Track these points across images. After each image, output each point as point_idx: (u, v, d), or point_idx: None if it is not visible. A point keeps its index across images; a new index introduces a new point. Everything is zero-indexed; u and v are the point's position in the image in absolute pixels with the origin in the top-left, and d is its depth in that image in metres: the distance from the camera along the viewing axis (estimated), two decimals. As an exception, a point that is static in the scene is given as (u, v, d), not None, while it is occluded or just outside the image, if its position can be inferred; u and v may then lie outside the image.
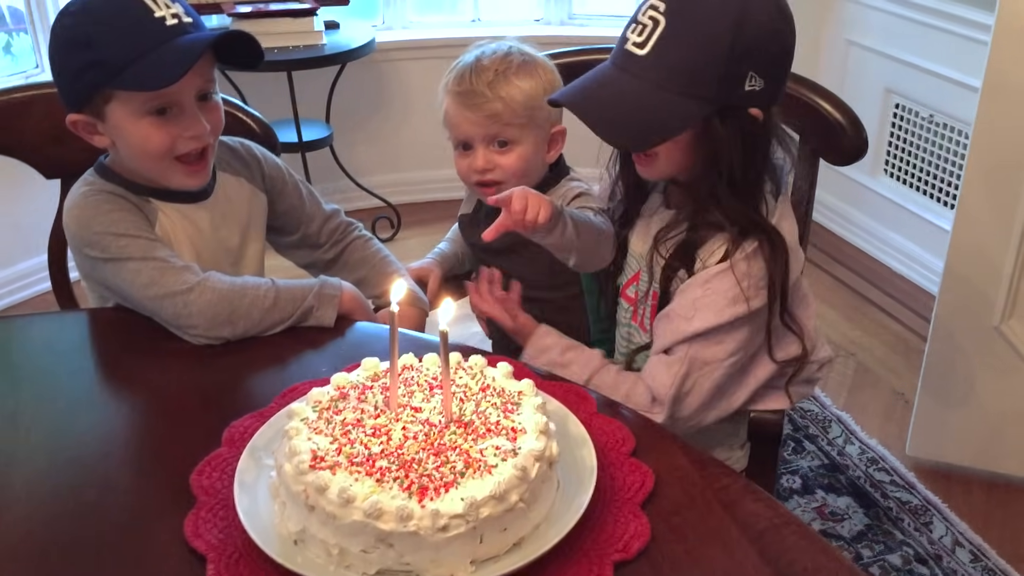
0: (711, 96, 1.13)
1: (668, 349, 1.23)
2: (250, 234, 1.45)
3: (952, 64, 2.73)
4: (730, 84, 1.13)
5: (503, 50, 1.38)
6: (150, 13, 1.23)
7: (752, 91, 1.14)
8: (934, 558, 1.98)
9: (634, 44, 1.15)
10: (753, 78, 1.13)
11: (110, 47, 1.22)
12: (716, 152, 1.17)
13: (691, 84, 1.12)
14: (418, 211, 3.51)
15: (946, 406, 2.18)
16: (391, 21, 3.54)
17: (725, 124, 1.15)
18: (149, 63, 1.21)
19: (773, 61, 1.16)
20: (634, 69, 1.15)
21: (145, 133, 1.27)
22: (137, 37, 1.22)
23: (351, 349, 1.27)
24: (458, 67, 1.39)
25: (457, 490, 0.85)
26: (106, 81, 1.23)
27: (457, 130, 1.40)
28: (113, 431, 1.14)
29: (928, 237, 2.97)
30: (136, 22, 1.22)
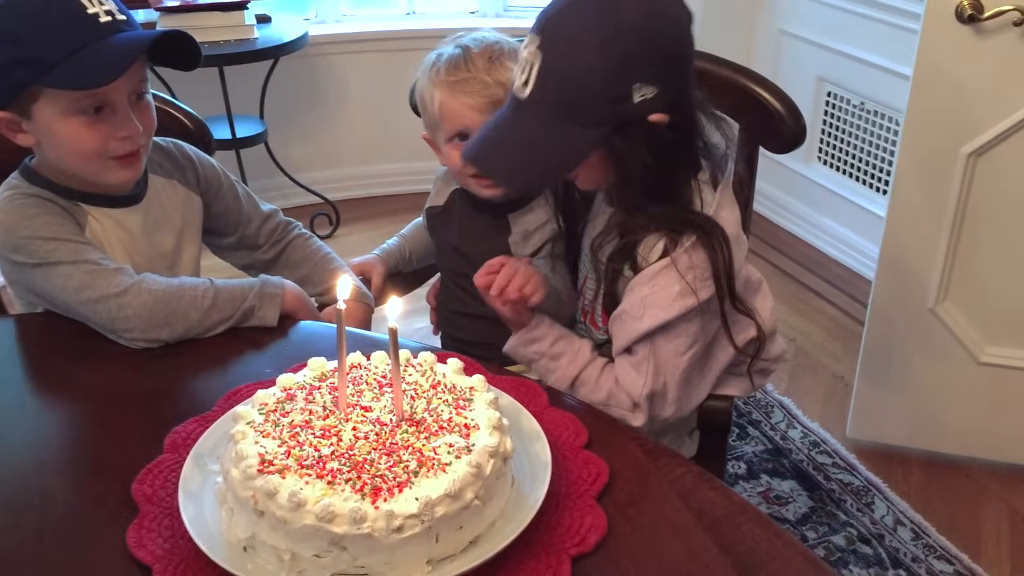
0: (599, 120, 1.11)
1: (630, 349, 1.22)
2: (185, 237, 1.41)
3: (882, 52, 2.79)
4: (616, 103, 1.10)
5: (490, 38, 1.37)
6: (83, 9, 1.18)
7: (644, 100, 1.11)
8: (876, 537, 2.02)
9: (520, 84, 1.13)
10: (641, 88, 1.10)
11: (39, 43, 1.17)
12: (625, 170, 1.15)
13: (577, 114, 1.11)
14: (357, 207, 3.47)
15: (884, 388, 2.22)
16: (324, 15, 3.48)
17: (626, 139, 1.13)
18: (83, 61, 1.16)
19: (661, 64, 1.12)
20: (524, 109, 1.13)
21: (75, 133, 1.22)
22: (69, 34, 1.17)
23: (295, 349, 1.24)
24: (445, 59, 1.36)
25: (411, 490, 0.84)
26: (35, 78, 1.18)
27: (455, 120, 1.36)
28: (47, 441, 1.09)
29: (862, 223, 3.03)
30: (68, 18, 1.17)
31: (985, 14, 1.78)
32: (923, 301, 2.09)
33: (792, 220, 3.31)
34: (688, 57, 1.18)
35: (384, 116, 3.49)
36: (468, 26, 3.43)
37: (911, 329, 2.13)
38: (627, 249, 1.22)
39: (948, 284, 2.05)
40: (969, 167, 1.93)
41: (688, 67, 1.18)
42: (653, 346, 1.20)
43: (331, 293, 1.44)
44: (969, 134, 1.91)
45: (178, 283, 1.23)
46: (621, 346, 1.23)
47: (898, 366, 2.19)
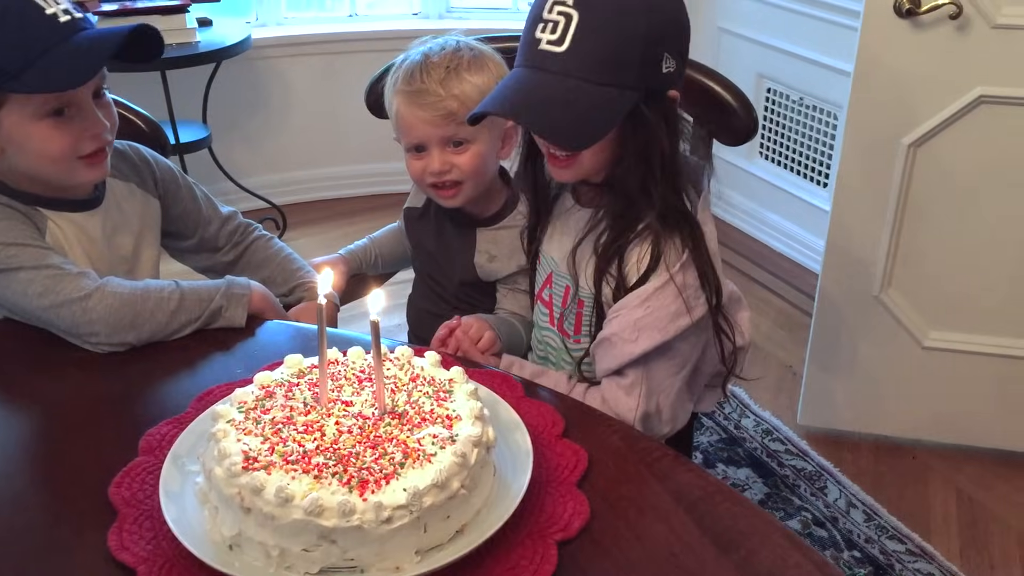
0: (635, 82, 1.11)
1: (619, 371, 1.22)
2: (143, 241, 1.40)
3: (820, 49, 2.86)
4: (651, 67, 1.12)
5: (451, 46, 1.34)
6: (41, 11, 1.16)
7: (669, 72, 1.13)
8: (831, 520, 2.07)
9: (549, 43, 1.10)
10: (668, 59, 1.12)
11: (2, 48, 1.14)
12: (648, 140, 1.15)
13: (616, 72, 1.10)
14: (303, 211, 3.45)
15: (832, 375, 2.28)
16: (265, 18, 3.45)
17: (652, 109, 1.14)
18: (50, 63, 1.14)
19: (680, 39, 1.16)
20: (555, 68, 1.10)
21: (45, 136, 1.20)
22: (32, 37, 1.15)
23: (263, 348, 1.23)
24: (405, 66, 1.34)
25: (398, 481, 0.84)
26: (1, 85, 1.16)
27: (411, 132, 1.34)
28: (17, 449, 1.07)
29: (804, 216, 3.10)
30: (28, 22, 1.15)
31: (922, 8, 1.84)
32: (868, 289, 2.15)
33: (735, 214, 3.37)
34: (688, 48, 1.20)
35: (328, 119, 3.47)
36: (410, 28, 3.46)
37: (857, 316, 2.19)
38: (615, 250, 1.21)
39: (892, 272, 2.12)
40: (910, 157, 1.99)
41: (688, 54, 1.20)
42: (646, 368, 1.20)
43: (296, 293, 1.44)
44: (909, 125, 1.97)
45: (143, 286, 1.22)
46: (609, 369, 1.22)
47: (845, 353, 2.25)
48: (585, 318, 1.28)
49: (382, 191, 3.44)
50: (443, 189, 1.37)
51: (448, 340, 1.29)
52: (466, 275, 1.44)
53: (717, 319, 1.23)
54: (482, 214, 1.44)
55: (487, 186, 1.42)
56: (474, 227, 1.44)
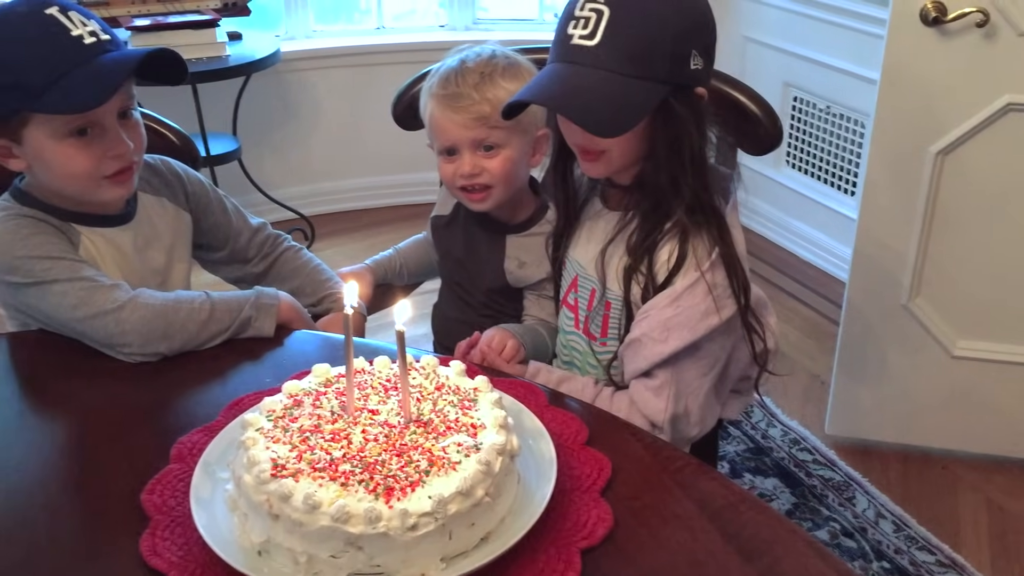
0: (665, 76, 1.14)
1: (647, 373, 1.22)
2: (175, 254, 1.42)
3: (847, 57, 2.85)
4: (680, 63, 1.14)
5: (487, 53, 1.38)
6: (67, 32, 1.18)
7: (697, 70, 1.15)
8: (859, 531, 2.06)
9: (581, 38, 1.14)
10: (696, 56, 1.15)
11: (27, 69, 1.17)
12: (678, 134, 1.17)
13: (647, 66, 1.13)
14: (331, 222, 3.48)
15: (860, 385, 2.27)
16: (294, 31, 3.49)
17: (680, 104, 1.16)
18: (71, 85, 1.17)
19: (708, 39, 1.18)
20: (587, 61, 1.13)
21: (67, 155, 1.23)
22: (55, 58, 1.17)
23: (292, 358, 1.25)
24: (441, 71, 1.37)
25: (423, 488, 0.85)
26: (23, 104, 1.18)
27: (443, 135, 1.37)
28: (52, 456, 1.10)
29: (831, 224, 3.08)
30: (53, 42, 1.18)
31: (949, 16, 1.83)
32: (896, 298, 2.14)
33: (762, 223, 3.36)
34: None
35: (356, 130, 3.50)
36: (437, 40, 3.50)
37: (885, 325, 2.18)
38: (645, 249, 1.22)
39: (920, 280, 2.11)
40: (937, 165, 1.99)
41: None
42: (675, 369, 1.21)
43: (325, 304, 1.46)
44: (936, 133, 1.96)
45: (174, 297, 1.24)
46: (639, 370, 1.22)
47: (873, 362, 2.24)
48: (612, 320, 1.29)
49: (409, 202, 3.47)
50: (473, 192, 1.39)
51: (471, 352, 1.31)
52: (495, 282, 1.46)
53: (747, 317, 1.23)
54: (511, 221, 1.46)
55: (516, 193, 1.43)
56: (503, 234, 1.46)
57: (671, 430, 1.23)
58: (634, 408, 1.24)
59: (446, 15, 3.62)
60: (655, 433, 1.21)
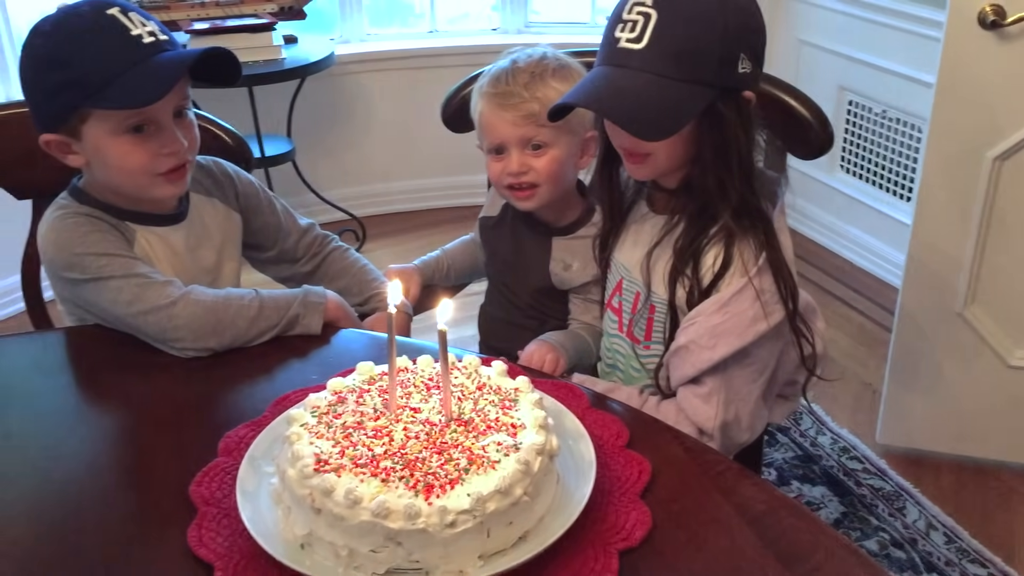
0: (712, 79, 1.14)
1: (696, 380, 1.22)
2: (225, 253, 1.45)
3: (902, 60, 2.81)
4: (727, 66, 1.14)
5: (538, 54, 1.39)
6: (126, 31, 1.22)
7: (744, 73, 1.15)
8: (909, 542, 2.03)
9: (628, 41, 1.14)
10: (744, 60, 1.14)
11: (87, 66, 1.21)
12: (725, 137, 1.17)
13: (693, 69, 1.13)
14: (382, 223, 3.52)
15: (913, 393, 2.23)
16: (348, 34, 3.54)
17: (727, 108, 1.16)
18: (129, 81, 1.20)
19: (757, 42, 1.17)
20: (634, 64, 1.14)
21: (123, 151, 1.26)
22: (115, 55, 1.21)
23: (338, 356, 1.27)
24: (493, 71, 1.40)
25: (463, 486, 0.86)
26: (83, 100, 1.22)
27: (492, 133, 1.39)
28: (105, 447, 1.13)
29: (886, 230, 3.04)
30: (113, 40, 1.21)
31: (1008, 19, 1.80)
32: (951, 305, 2.10)
33: (816, 228, 3.32)
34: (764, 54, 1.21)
35: (408, 133, 3.54)
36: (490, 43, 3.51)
37: (939, 333, 2.14)
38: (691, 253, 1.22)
39: (976, 288, 2.07)
40: (995, 171, 1.95)
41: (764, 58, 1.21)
42: (724, 375, 1.20)
43: (371, 303, 1.48)
44: (994, 138, 1.93)
45: (224, 294, 1.27)
46: (686, 376, 1.22)
47: (927, 371, 2.20)
48: (656, 324, 1.29)
49: (460, 204, 3.49)
50: (519, 191, 1.40)
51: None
52: (541, 283, 1.47)
53: (795, 322, 1.22)
54: (558, 223, 1.47)
55: (563, 194, 1.44)
56: (550, 235, 1.46)
57: (721, 437, 1.22)
58: (682, 415, 1.23)
59: (498, 18, 3.64)
60: (703, 440, 1.21)
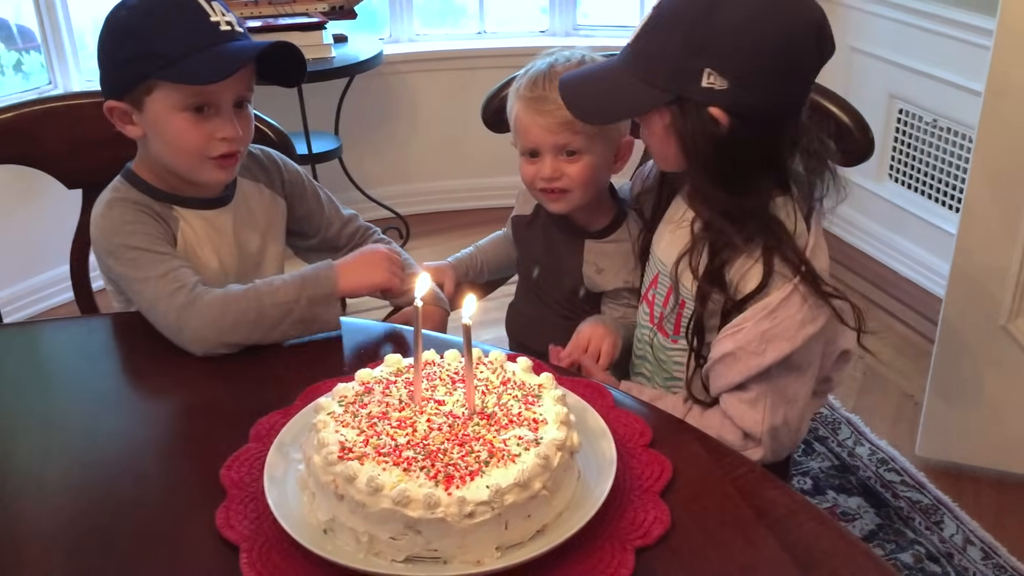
0: (664, 85, 1.17)
1: (742, 386, 1.22)
2: (269, 238, 1.48)
3: (954, 69, 2.76)
4: (681, 76, 1.15)
5: (576, 58, 1.40)
6: (207, 16, 1.27)
7: (711, 89, 1.14)
8: (945, 556, 2.00)
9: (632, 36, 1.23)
10: (711, 75, 1.14)
11: (163, 40, 1.26)
12: (682, 142, 1.20)
13: (646, 71, 1.18)
14: (426, 222, 3.55)
15: (954, 406, 2.20)
16: (398, 34, 3.58)
17: (685, 118, 1.17)
18: (200, 59, 1.25)
19: (745, 67, 1.14)
20: (620, 57, 1.24)
21: (181, 128, 1.29)
22: (191, 34, 1.26)
23: (370, 347, 1.29)
24: (531, 73, 1.41)
25: (482, 478, 0.88)
26: (153, 71, 1.26)
27: (527, 136, 1.40)
28: (142, 429, 1.16)
29: (933, 240, 2.99)
30: (193, 21, 1.26)
31: (1058, 28, 1.77)
32: (995, 318, 2.07)
33: (861, 237, 3.28)
34: (790, 78, 1.18)
35: (454, 133, 3.56)
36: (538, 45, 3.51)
37: (982, 346, 2.11)
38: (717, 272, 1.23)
39: (1020, 301, 2.03)
40: (1042, 182, 1.92)
41: (786, 87, 1.19)
42: (770, 380, 1.21)
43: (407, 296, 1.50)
44: (1043, 149, 1.89)
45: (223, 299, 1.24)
46: (731, 383, 1.22)
47: (969, 384, 2.16)
48: (684, 320, 1.30)
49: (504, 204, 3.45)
50: (552, 194, 1.42)
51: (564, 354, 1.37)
52: (573, 284, 1.48)
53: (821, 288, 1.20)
54: (590, 226, 1.47)
55: (595, 198, 1.45)
56: (583, 238, 1.47)
57: (771, 441, 1.22)
58: (727, 422, 1.24)
59: (547, 20, 3.66)
60: (747, 445, 1.23)
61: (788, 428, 1.23)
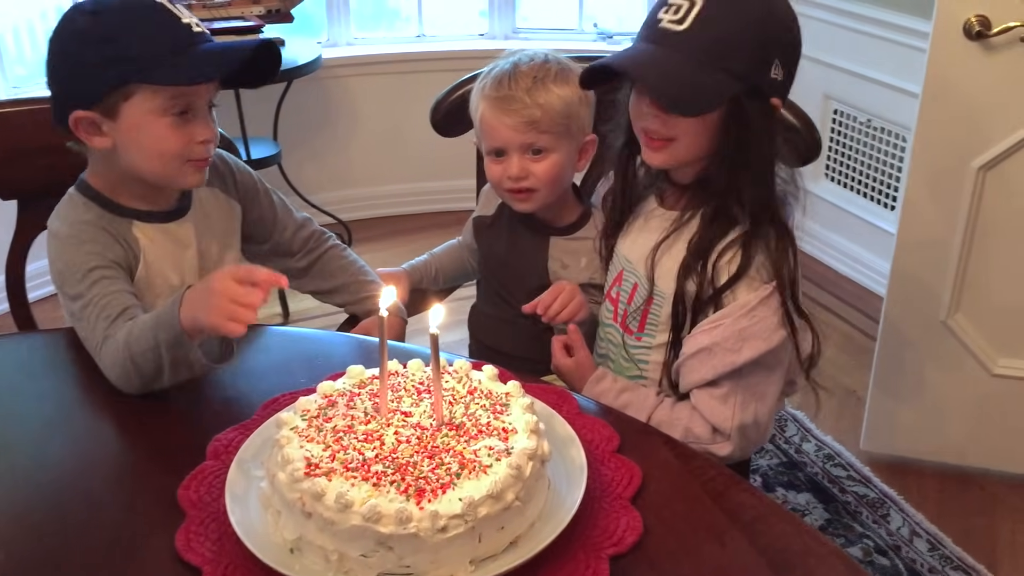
0: (743, 73, 1.17)
1: (713, 382, 1.23)
2: (227, 245, 1.44)
3: (888, 70, 2.82)
4: (760, 66, 1.17)
5: (540, 57, 1.39)
6: (178, 19, 1.23)
7: (775, 80, 1.18)
8: (893, 549, 2.04)
9: (670, 22, 1.17)
10: (777, 66, 1.18)
11: (140, 42, 1.21)
12: (746, 136, 1.19)
13: (727, 58, 1.16)
14: (368, 227, 3.51)
15: (897, 401, 2.24)
16: (336, 38, 3.53)
17: (753, 107, 1.18)
18: (184, 60, 1.21)
19: (792, 53, 1.21)
20: (672, 43, 1.17)
21: (163, 133, 1.25)
22: (167, 36, 1.22)
23: (327, 359, 1.26)
24: (495, 73, 1.39)
25: (454, 491, 0.86)
26: (135, 75, 1.21)
27: (493, 136, 1.39)
28: (93, 449, 1.12)
29: (870, 238, 3.06)
30: (164, 23, 1.22)
31: (993, 30, 1.81)
32: (935, 314, 2.11)
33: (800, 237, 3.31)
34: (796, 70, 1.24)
35: (395, 137, 3.53)
36: (478, 48, 3.52)
37: (923, 342, 2.15)
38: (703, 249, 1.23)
39: (960, 297, 2.08)
40: (979, 181, 1.96)
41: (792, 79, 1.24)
42: (741, 377, 1.22)
43: (364, 304, 1.47)
44: (979, 148, 1.94)
45: (115, 349, 1.16)
46: (703, 379, 1.23)
47: (911, 379, 2.21)
48: (652, 317, 1.30)
49: (446, 208, 3.49)
50: (518, 194, 1.41)
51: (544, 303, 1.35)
52: (538, 281, 1.46)
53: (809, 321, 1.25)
54: (555, 223, 1.47)
55: (560, 196, 1.45)
56: (548, 235, 1.47)
57: (739, 439, 1.23)
58: (695, 415, 1.24)
59: (486, 23, 3.64)
60: (715, 439, 1.23)
61: (757, 426, 1.24)
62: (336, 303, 1.53)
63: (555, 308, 1.34)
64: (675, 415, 1.25)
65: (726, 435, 1.22)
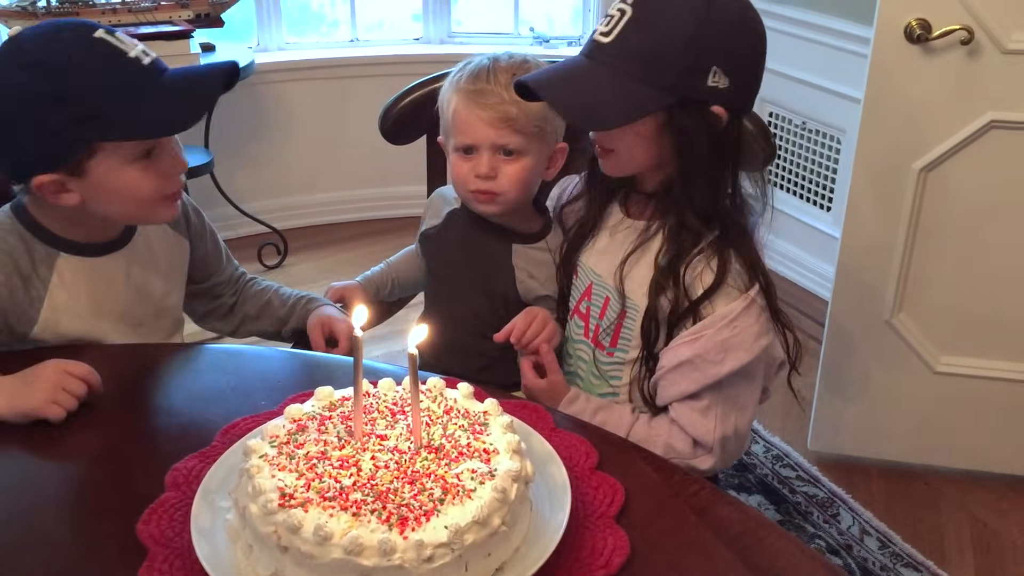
0: (669, 85, 1.13)
1: (694, 394, 1.21)
2: (171, 282, 1.38)
3: (823, 73, 2.87)
4: (690, 75, 1.13)
5: (519, 57, 1.36)
6: (124, 55, 1.14)
7: (715, 88, 1.14)
8: (845, 548, 2.06)
9: (600, 33, 1.16)
10: (716, 73, 1.13)
11: (99, 97, 1.12)
12: (683, 145, 1.17)
13: (650, 71, 1.13)
14: (305, 236, 3.43)
15: (843, 400, 2.27)
16: (267, 43, 3.45)
17: (688, 116, 1.15)
18: (150, 105, 1.13)
19: (739, 61, 1.16)
20: (598, 56, 1.15)
21: (135, 180, 1.18)
22: (125, 83, 1.13)
23: (284, 379, 1.22)
24: (472, 66, 1.34)
25: (438, 518, 0.82)
26: (104, 133, 1.13)
27: (464, 131, 1.33)
28: (42, 484, 1.04)
29: (808, 240, 3.10)
30: (117, 69, 1.13)
31: (933, 34, 1.84)
32: (879, 313, 2.14)
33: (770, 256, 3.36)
34: (760, 72, 1.22)
35: (330, 143, 3.46)
36: (414, 52, 3.47)
37: (868, 341, 2.18)
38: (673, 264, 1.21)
39: (903, 296, 2.11)
40: (920, 182, 1.99)
41: (757, 83, 1.22)
42: (722, 389, 1.20)
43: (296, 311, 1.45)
44: (920, 150, 1.97)
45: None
46: (685, 392, 1.21)
47: (856, 378, 2.24)
48: (625, 331, 1.27)
49: (383, 216, 3.43)
50: (483, 195, 1.36)
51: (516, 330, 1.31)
52: (504, 290, 1.41)
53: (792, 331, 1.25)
54: (517, 229, 1.42)
55: (525, 203, 1.41)
56: (510, 242, 1.42)
57: (721, 451, 1.22)
58: (675, 429, 1.22)
59: (420, 28, 3.60)
60: (696, 453, 1.21)
61: (737, 437, 1.23)
62: (271, 327, 1.48)
63: (529, 335, 1.30)
64: (654, 431, 1.23)
65: (708, 448, 1.21)
